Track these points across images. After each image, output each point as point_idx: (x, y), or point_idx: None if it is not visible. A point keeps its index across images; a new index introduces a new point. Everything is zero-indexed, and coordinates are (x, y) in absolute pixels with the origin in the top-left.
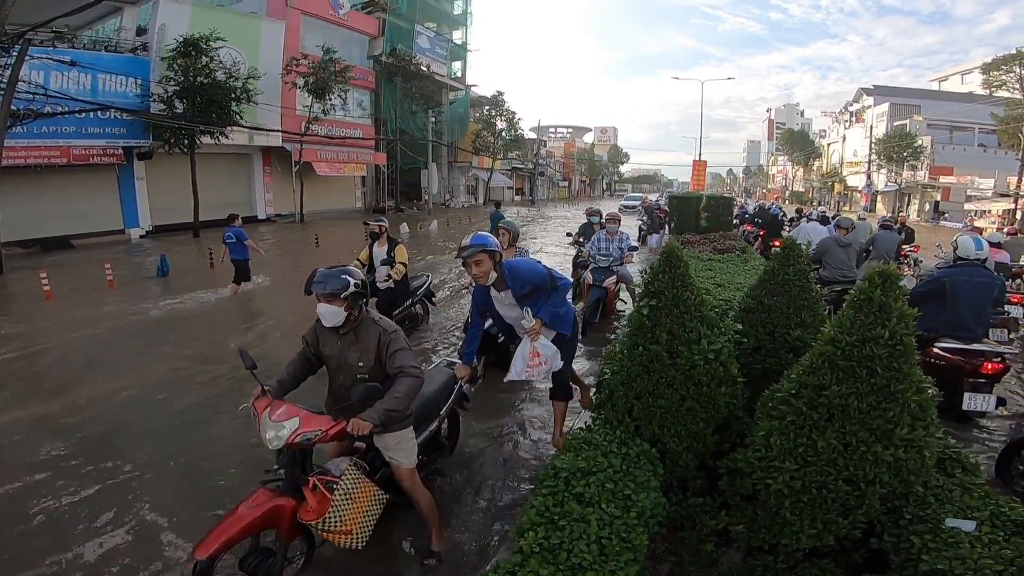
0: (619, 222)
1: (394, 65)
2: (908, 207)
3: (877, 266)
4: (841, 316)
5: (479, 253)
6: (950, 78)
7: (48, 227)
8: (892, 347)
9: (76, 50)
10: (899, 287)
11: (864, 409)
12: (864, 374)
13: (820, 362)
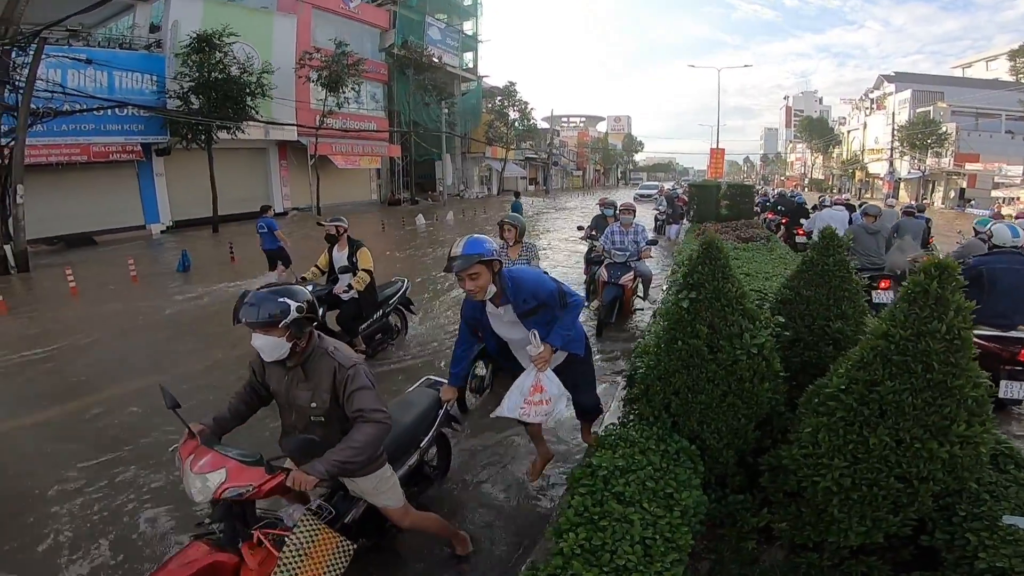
0: (634, 213)
1: (406, 57)
2: (932, 194)
3: (932, 258)
4: (893, 309)
5: (475, 265)
6: (974, 64)
7: (71, 224)
8: (949, 341)
9: (91, 48)
10: (956, 279)
11: (919, 405)
12: (920, 369)
13: (871, 357)
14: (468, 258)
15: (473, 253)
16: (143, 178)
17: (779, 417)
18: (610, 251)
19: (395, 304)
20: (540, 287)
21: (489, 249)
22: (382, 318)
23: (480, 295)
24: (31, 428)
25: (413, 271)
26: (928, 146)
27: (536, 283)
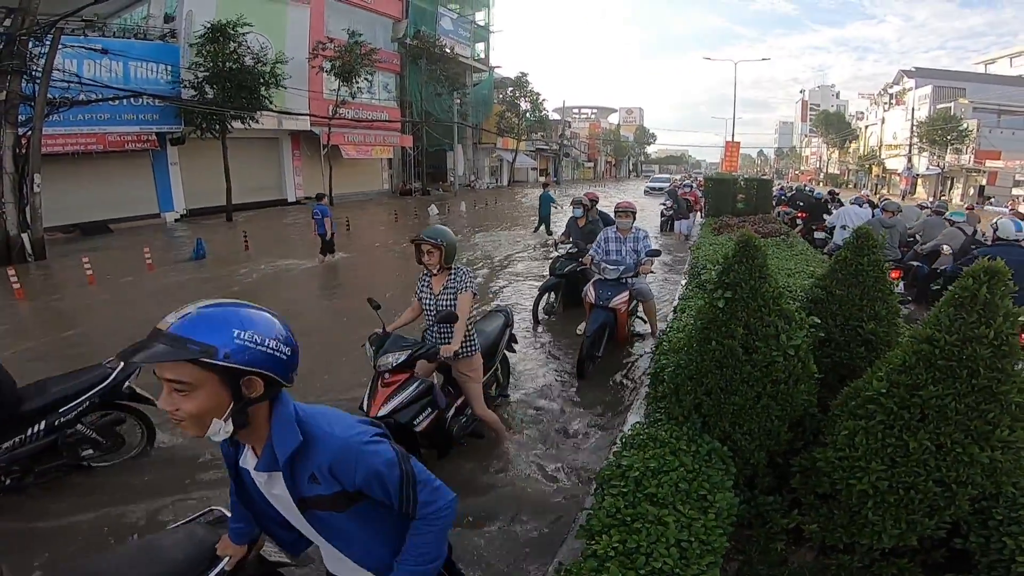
0: (634, 215)
1: (418, 47)
2: (951, 191)
3: (981, 262)
4: (938, 313)
5: (183, 366)
6: (998, 61)
7: (87, 212)
8: (997, 347)
9: (106, 38)
10: (1006, 284)
11: (962, 410)
12: (965, 375)
13: (914, 361)
14: (168, 350)
15: (185, 336)
16: (158, 167)
17: (811, 418)
18: (600, 264)
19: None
20: (352, 458)
21: (225, 342)
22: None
23: (193, 430)
24: None
25: None
26: (948, 142)
27: (345, 448)
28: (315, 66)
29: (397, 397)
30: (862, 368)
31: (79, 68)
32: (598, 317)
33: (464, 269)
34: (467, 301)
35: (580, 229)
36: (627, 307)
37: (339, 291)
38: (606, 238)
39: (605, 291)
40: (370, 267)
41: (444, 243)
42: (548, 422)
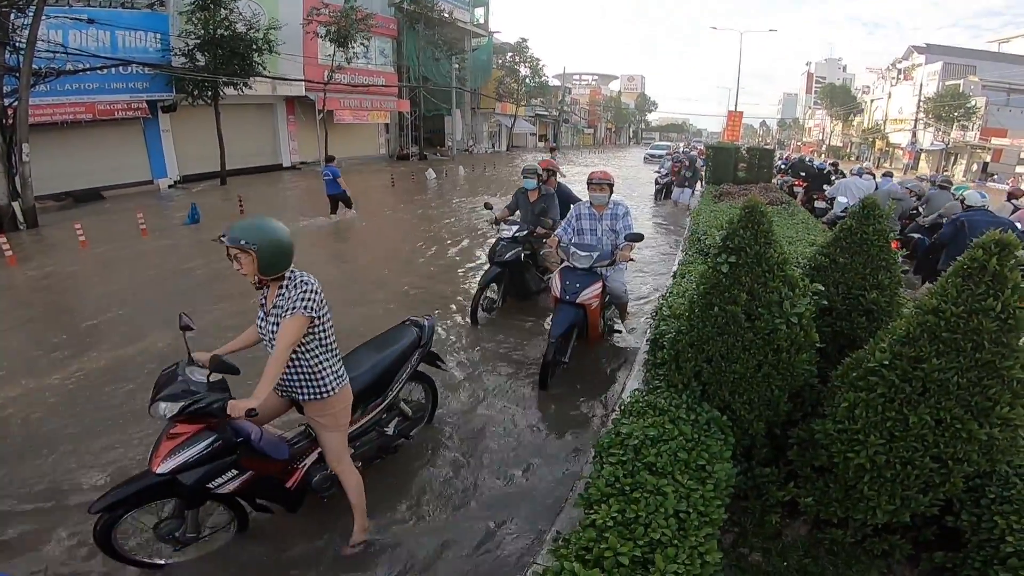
0: (611, 188)
1: (415, 12)
2: (954, 167)
3: (992, 233)
4: (944, 284)
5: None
6: (1012, 40)
7: (79, 180)
8: (1003, 320)
9: (92, 8)
10: (1015, 256)
11: (964, 385)
12: (969, 348)
13: (918, 332)
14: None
15: None
16: (150, 135)
17: (811, 390)
18: (568, 248)
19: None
20: None
21: None
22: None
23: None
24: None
25: (434, 232)
26: (955, 119)
27: None
28: (310, 32)
29: (181, 453)
30: (863, 338)
31: (64, 38)
32: (565, 315)
33: (301, 279)
34: (291, 329)
35: (531, 205)
36: (600, 301)
37: (354, 246)
38: (578, 215)
39: (574, 282)
40: (378, 225)
41: (257, 246)
42: (484, 457)
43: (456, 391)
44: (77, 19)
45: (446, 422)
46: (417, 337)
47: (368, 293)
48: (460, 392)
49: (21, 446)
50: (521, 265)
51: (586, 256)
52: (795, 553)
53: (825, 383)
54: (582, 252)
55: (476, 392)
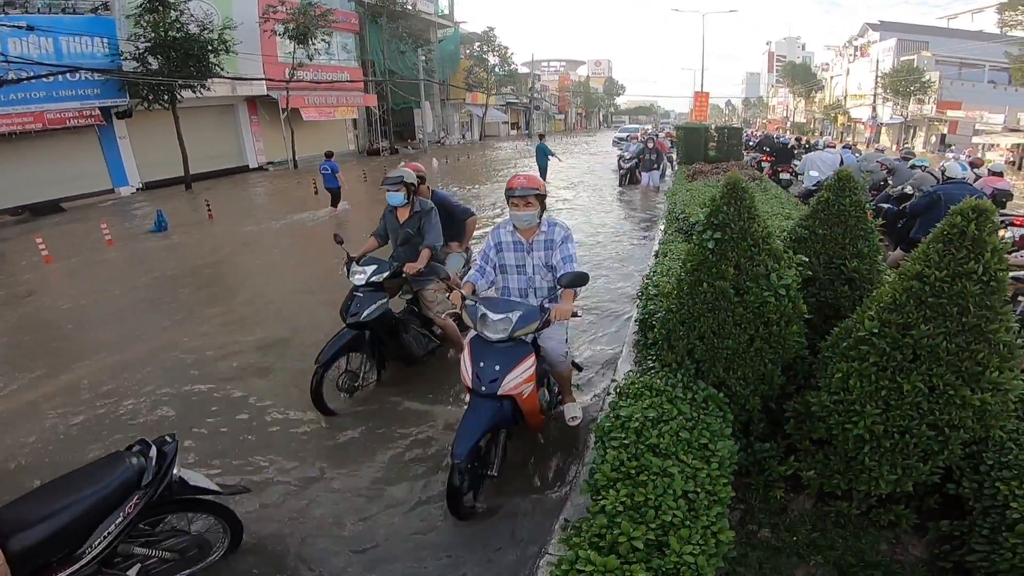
0: (540, 202)
1: (378, 6)
2: (913, 139)
3: (969, 200)
4: (926, 249)
5: None
6: (960, 16)
7: (36, 192)
8: (986, 283)
9: (30, 15)
10: (992, 221)
11: (953, 350)
12: (955, 312)
13: (904, 299)
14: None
15: None
16: (106, 142)
17: (802, 361)
18: (475, 311)
19: None
20: None
21: None
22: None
23: None
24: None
25: None
26: (911, 93)
27: None
28: (267, 30)
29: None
30: (847, 307)
31: (4, 47)
32: (481, 415)
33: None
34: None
35: (400, 229)
36: (534, 384)
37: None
38: (498, 244)
39: (491, 364)
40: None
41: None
42: None
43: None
44: (16, 27)
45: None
46: (135, 475)
47: None
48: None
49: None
50: (393, 323)
51: (503, 321)
52: (803, 527)
53: (815, 354)
54: (495, 316)
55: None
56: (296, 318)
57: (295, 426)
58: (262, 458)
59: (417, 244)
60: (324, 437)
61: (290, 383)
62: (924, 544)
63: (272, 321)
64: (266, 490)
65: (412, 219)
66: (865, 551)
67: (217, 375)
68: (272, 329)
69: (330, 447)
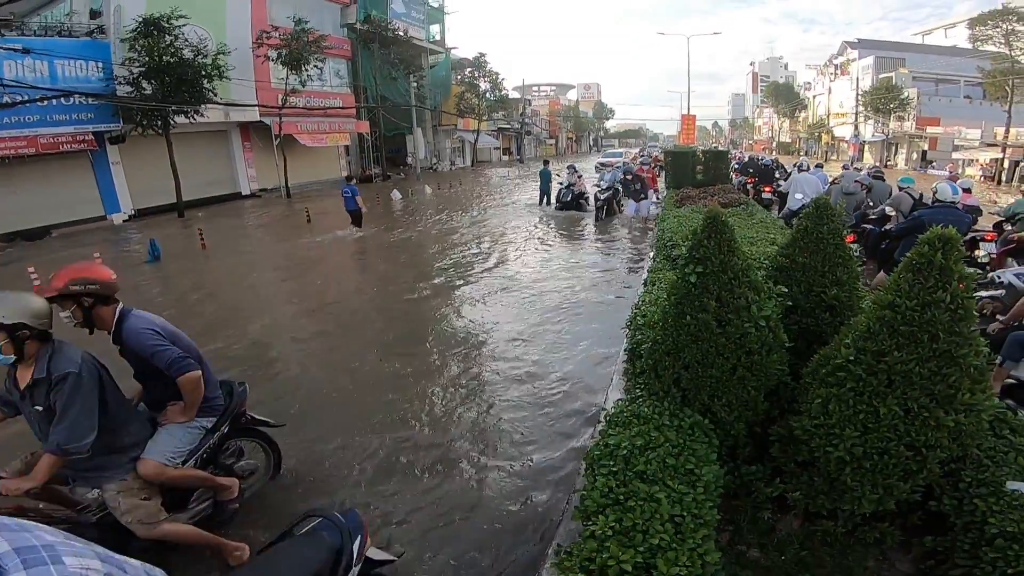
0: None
1: (370, 32)
2: (896, 156)
3: (935, 230)
4: (897, 279)
5: None
6: (934, 32)
7: (27, 218)
8: (954, 311)
9: (27, 37)
10: (958, 250)
11: (925, 375)
12: (926, 339)
13: (878, 327)
14: None
15: None
16: (99, 167)
17: (784, 387)
18: None
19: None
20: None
21: None
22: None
23: None
24: None
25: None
26: (891, 110)
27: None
28: (260, 55)
29: None
30: (828, 334)
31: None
32: None
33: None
34: None
35: (24, 403)
36: None
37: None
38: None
39: None
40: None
41: None
42: None
43: None
44: (12, 49)
45: None
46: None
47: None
48: None
49: None
50: None
51: None
52: (791, 546)
53: (798, 380)
54: None
55: None
56: (290, 364)
57: None
58: None
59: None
60: None
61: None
62: (910, 560)
63: (249, 361)
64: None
65: (38, 389)
66: (853, 568)
67: None
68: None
69: None
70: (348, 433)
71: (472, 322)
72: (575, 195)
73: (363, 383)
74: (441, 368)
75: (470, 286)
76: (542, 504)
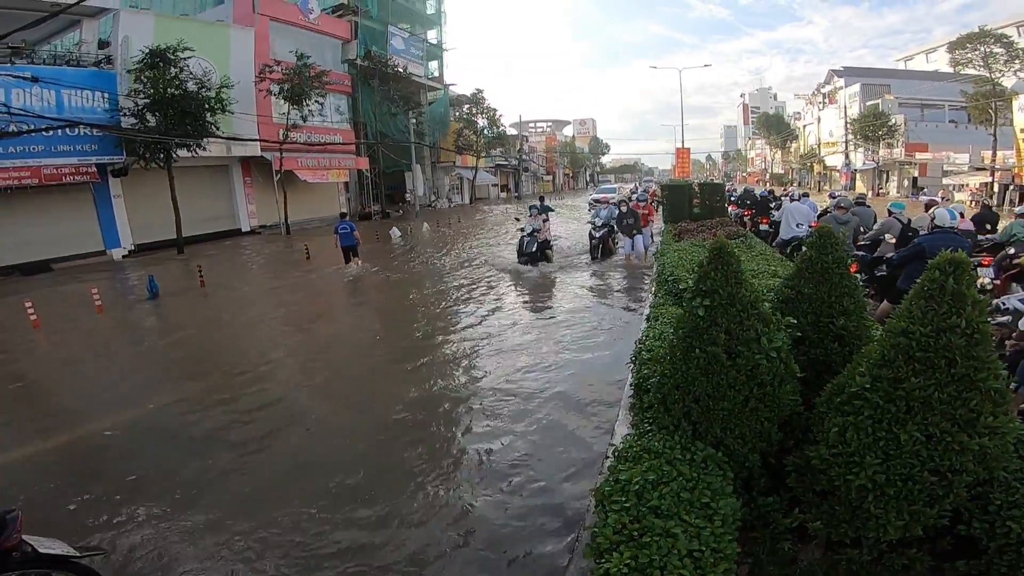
0: None
1: (370, 68)
2: (887, 184)
3: (944, 254)
4: (910, 306)
5: None
6: (915, 57)
7: (26, 252)
8: (969, 336)
9: (36, 65)
10: (970, 274)
11: (945, 400)
12: (943, 364)
13: (893, 354)
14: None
15: None
16: (100, 201)
17: (798, 417)
18: None
19: None
20: None
21: None
22: None
23: None
24: None
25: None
26: (880, 138)
27: None
28: (263, 90)
29: None
30: (837, 363)
31: (7, 97)
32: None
33: None
34: None
35: None
36: None
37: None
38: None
39: None
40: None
41: None
42: None
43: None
44: (21, 77)
45: None
46: None
47: None
48: None
49: None
50: None
51: None
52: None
53: (809, 409)
54: None
55: None
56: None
57: None
58: None
59: None
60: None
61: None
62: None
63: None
64: None
65: None
66: None
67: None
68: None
69: None
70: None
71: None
72: (539, 244)
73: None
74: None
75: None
76: None
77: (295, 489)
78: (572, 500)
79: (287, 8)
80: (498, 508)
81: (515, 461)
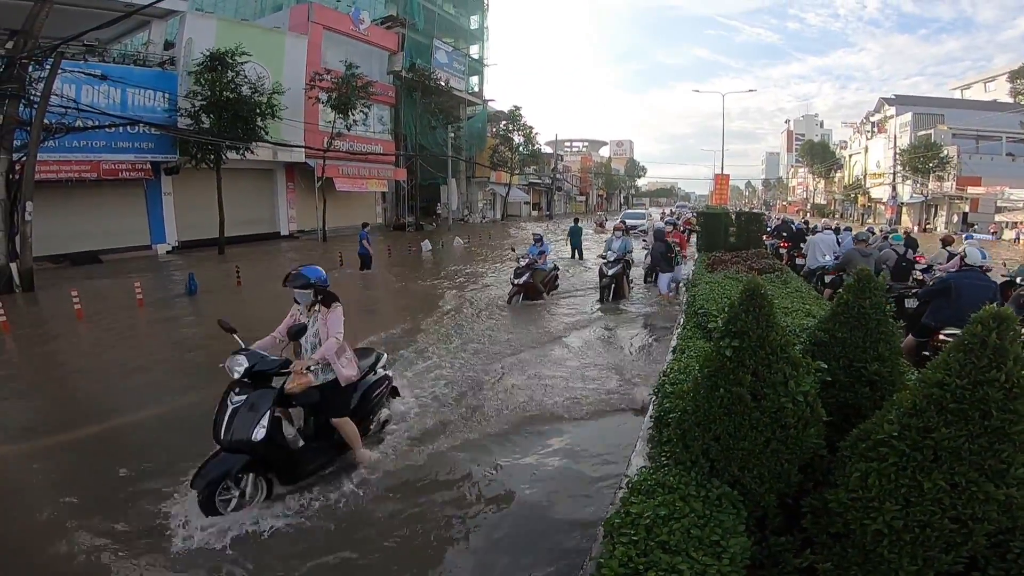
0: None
1: (414, 80)
2: (935, 219)
3: (989, 308)
4: (946, 358)
5: None
6: (973, 86)
7: (77, 242)
8: (1008, 389)
9: (106, 64)
10: (1014, 330)
11: (975, 450)
12: (977, 416)
13: (925, 404)
14: None
15: None
16: (151, 197)
17: (820, 459)
18: None
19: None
20: None
21: None
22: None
23: None
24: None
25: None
26: (930, 170)
27: None
28: (311, 97)
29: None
30: (867, 408)
31: (77, 93)
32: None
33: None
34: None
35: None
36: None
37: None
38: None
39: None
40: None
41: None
42: None
43: None
44: (91, 74)
45: None
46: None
47: None
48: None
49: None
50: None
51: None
52: None
53: (833, 452)
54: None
55: None
56: None
57: None
58: None
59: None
60: None
61: None
62: None
63: None
64: None
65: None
66: None
67: None
68: None
69: None
70: None
71: None
72: (535, 275)
73: None
74: None
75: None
76: None
77: None
78: None
79: (340, 18)
80: None
81: None
